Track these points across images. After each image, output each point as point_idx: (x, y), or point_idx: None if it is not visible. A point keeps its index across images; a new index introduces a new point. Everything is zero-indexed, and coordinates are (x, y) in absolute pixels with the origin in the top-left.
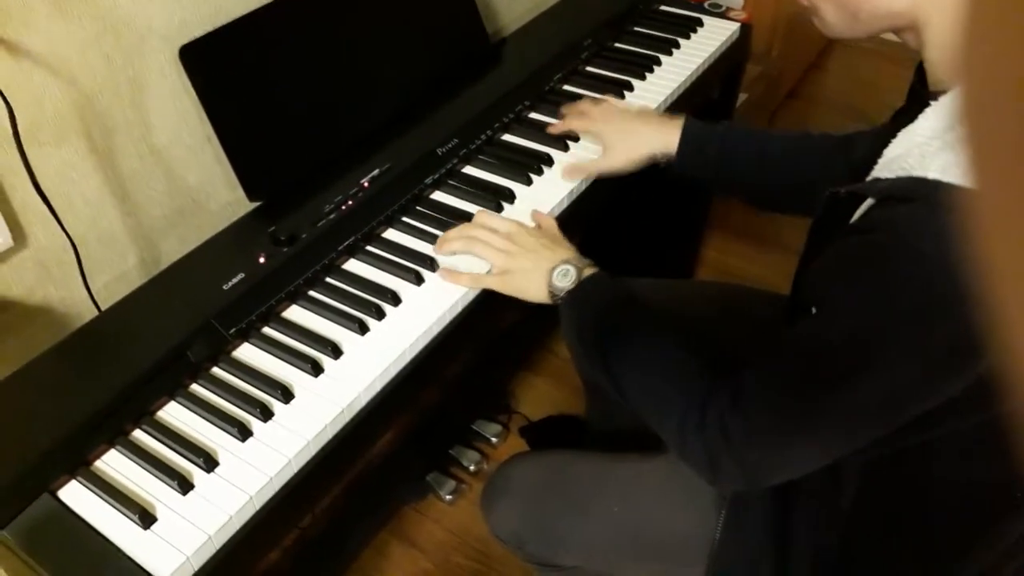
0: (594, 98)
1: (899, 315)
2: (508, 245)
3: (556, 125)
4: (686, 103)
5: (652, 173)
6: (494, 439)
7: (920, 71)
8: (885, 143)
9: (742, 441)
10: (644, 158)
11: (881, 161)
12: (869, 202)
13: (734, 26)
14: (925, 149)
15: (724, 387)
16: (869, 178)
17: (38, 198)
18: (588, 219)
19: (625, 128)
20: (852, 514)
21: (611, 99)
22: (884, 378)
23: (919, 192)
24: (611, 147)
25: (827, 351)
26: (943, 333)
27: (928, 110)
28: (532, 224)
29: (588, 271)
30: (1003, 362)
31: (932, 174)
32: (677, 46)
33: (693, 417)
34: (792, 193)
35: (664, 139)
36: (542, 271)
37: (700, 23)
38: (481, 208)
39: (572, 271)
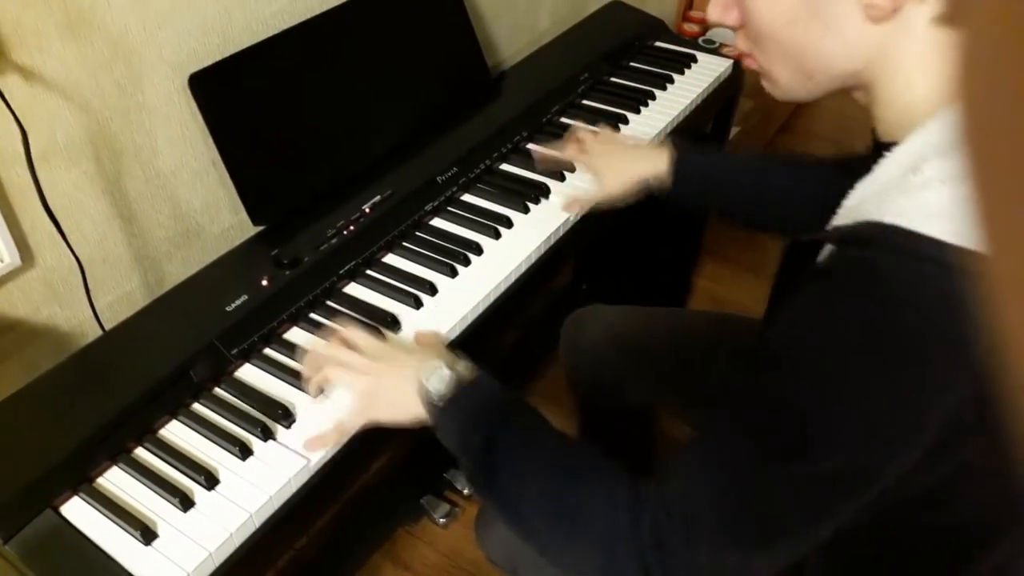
0: (590, 129)
1: (857, 358)
2: (364, 363)
3: (540, 160)
4: (679, 137)
5: (647, 202)
6: None
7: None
8: (844, 194)
9: (680, 548)
10: (636, 183)
11: (840, 211)
12: (829, 248)
13: (727, 62)
14: (883, 196)
15: (652, 486)
16: (829, 227)
17: (47, 219)
18: (583, 247)
19: (613, 155)
20: None
21: (607, 129)
22: (847, 438)
23: (874, 236)
24: (602, 175)
25: (781, 413)
26: (905, 380)
27: (883, 160)
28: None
29: (461, 368)
30: (1007, 394)
31: (888, 218)
32: (671, 81)
33: (621, 530)
34: (781, 212)
35: (653, 162)
36: (410, 379)
37: (694, 59)
38: (479, 236)
39: (446, 372)
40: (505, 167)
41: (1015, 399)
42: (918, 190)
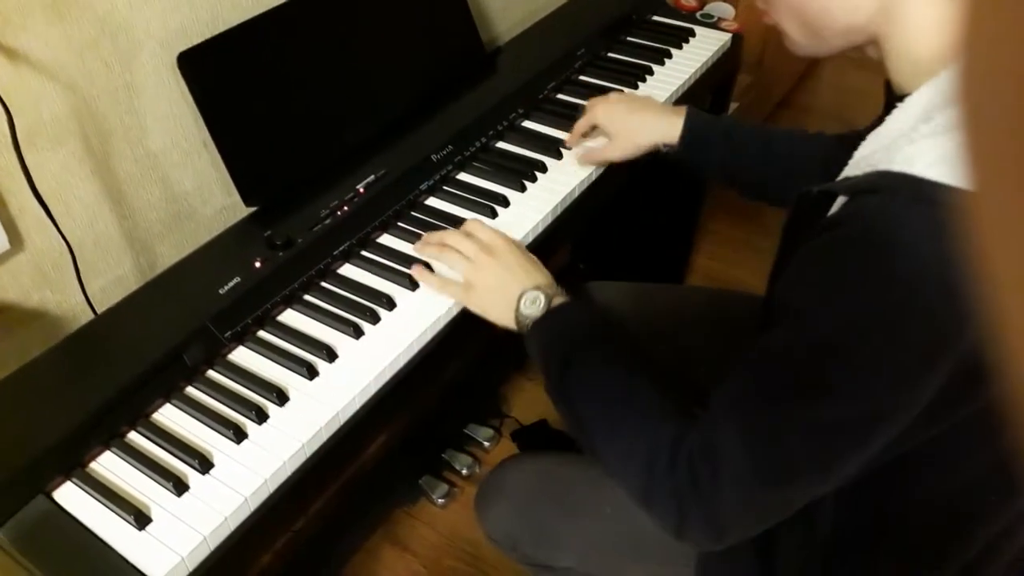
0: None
1: (869, 309)
2: (479, 255)
3: (570, 139)
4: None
5: (645, 180)
6: (486, 443)
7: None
8: (856, 146)
9: (711, 486)
10: (649, 146)
11: (851, 162)
12: (840, 202)
13: (726, 36)
14: (892, 146)
15: (696, 430)
16: (839, 178)
17: (35, 202)
18: (580, 225)
19: (629, 117)
20: (831, 537)
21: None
22: (863, 383)
23: (885, 184)
24: (616, 136)
25: (799, 361)
26: (915, 326)
27: (894, 111)
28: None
29: (558, 300)
30: (997, 357)
31: (897, 166)
32: (669, 56)
33: (662, 461)
34: (784, 186)
35: (668, 128)
36: (510, 295)
37: (692, 33)
38: (476, 216)
39: (541, 299)
40: (501, 145)
41: (1007, 361)
42: (925, 139)
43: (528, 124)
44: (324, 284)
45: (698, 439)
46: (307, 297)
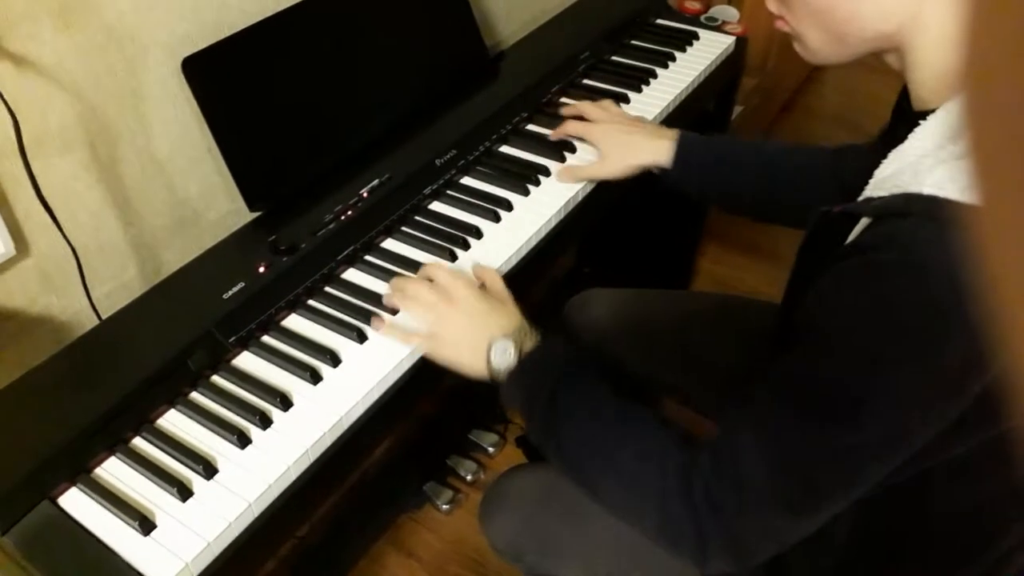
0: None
1: (905, 334)
2: (438, 306)
3: (555, 132)
4: (682, 115)
5: (649, 185)
6: (491, 449)
7: (904, 91)
8: (874, 164)
9: (735, 510)
10: (638, 167)
11: (872, 181)
12: (863, 223)
13: (730, 39)
14: (918, 167)
15: (704, 452)
16: (861, 198)
17: (41, 207)
18: (584, 229)
19: (622, 139)
20: (846, 549)
21: (609, 102)
22: (891, 407)
23: (916, 208)
24: (607, 155)
25: (827, 384)
26: (951, 351)
27: (918, 129)
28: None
29: (528, 344)
30: (1010, 377)
31: (928, 189)
32: (673, 59)
33: (674, 489)
34: (784, 205)
35: (658, 151)
36: (477, 347)
37: (696, 36)
38: (479, 221)
39: (511, 348)
40: (505, 149)
41: (1017, 376)
42: (956, 160)
43: (532, 128)
44: (328, 289)
45: (714, 463)
46: (311, 302)
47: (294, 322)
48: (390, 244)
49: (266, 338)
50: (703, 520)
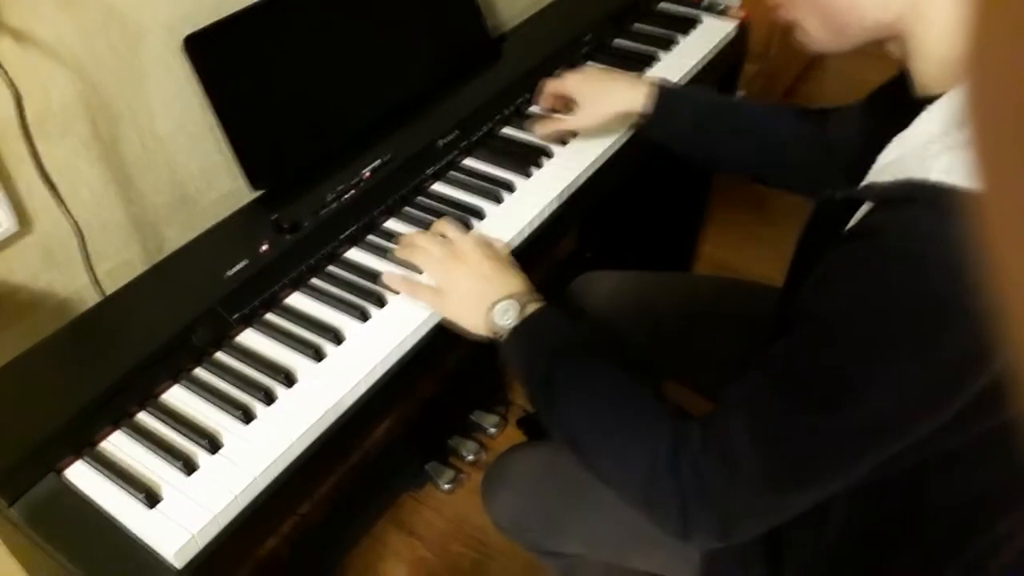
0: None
1: (903, 323)
2: (447, 260)
3: (535, 98)
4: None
5: (650, 166)
6: (492, 430)
7: (900, 78)
8: (875, 149)
9: (721, 487)
10: (616, 115)
11: (875, 167)
12: (865, 208)
13: (732, 25)
14: (924, 153)
15: (695, 428)
16: (863, 184)
17: (43, 185)
18: (586, 212)
19: (597, 87)
20: (842, 536)
21: (589, 64)
22: (887, 397)
23: (921, 195)
24: (583, 105)
25: (825, 371)
26: (949, 343)
27: (923, 115)
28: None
29: (532, 307)
30: (1012, 368)
31: (934, 176)
32: (675, 43)
33: (662, 461)
34: (764, 157)
35: (635, 95)
36: (482, 305)
37: (698, 21)
38: (481, 202)
39: (515, 308)
40: (507, 131)
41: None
42: (962, 147)
43: (534, 110)
44: (330, 268)
45: (704, 439)
46: (314, 281)
47: (297, 300)
48: (392, 224)
49: (269, 316)
50: (687, 494)
